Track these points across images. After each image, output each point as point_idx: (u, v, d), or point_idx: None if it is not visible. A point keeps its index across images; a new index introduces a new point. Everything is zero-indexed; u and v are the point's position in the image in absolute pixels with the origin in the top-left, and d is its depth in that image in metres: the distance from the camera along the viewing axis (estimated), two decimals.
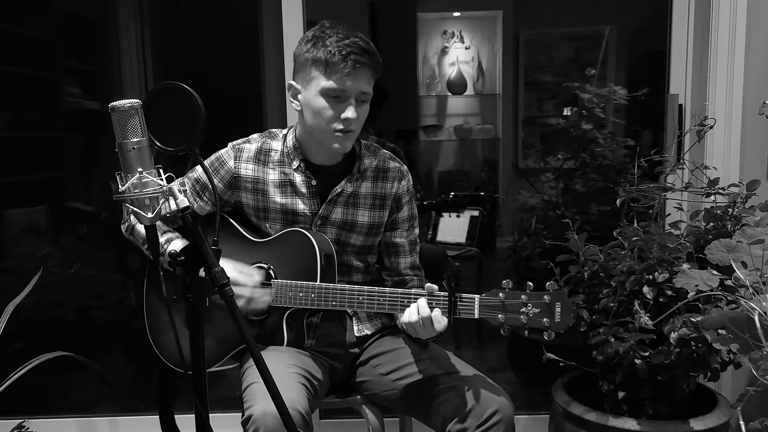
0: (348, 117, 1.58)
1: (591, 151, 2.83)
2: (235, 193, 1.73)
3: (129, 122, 1.15)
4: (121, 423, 2.62)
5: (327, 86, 1.57)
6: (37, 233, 3.01)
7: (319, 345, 1.71)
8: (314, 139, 1.66)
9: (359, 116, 1.61)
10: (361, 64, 1.55)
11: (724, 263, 1.50)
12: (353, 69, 1.55)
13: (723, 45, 2.16)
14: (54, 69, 3.11)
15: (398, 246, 1.79)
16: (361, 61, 1.55)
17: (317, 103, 1.59)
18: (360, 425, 2.05)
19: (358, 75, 1.56)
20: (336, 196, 1.71)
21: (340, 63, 1.54)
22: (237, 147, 1.72)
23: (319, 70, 1.57)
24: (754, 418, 1.45)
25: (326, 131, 1.61)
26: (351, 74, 1.55)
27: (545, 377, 2.01)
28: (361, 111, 1.62)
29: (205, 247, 1.17)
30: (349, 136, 1.62)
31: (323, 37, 1.57)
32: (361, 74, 1.57)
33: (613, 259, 1.82)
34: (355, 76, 1.56)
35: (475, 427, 1.51)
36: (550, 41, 3.92)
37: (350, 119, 1.58)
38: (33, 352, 2.18)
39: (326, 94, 1.58)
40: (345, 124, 1.59)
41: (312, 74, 1.59)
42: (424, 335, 1.55)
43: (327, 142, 1.62)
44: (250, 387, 1.51)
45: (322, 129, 1.61)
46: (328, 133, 1.61)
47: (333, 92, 1.57)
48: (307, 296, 1.62)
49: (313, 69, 1.58)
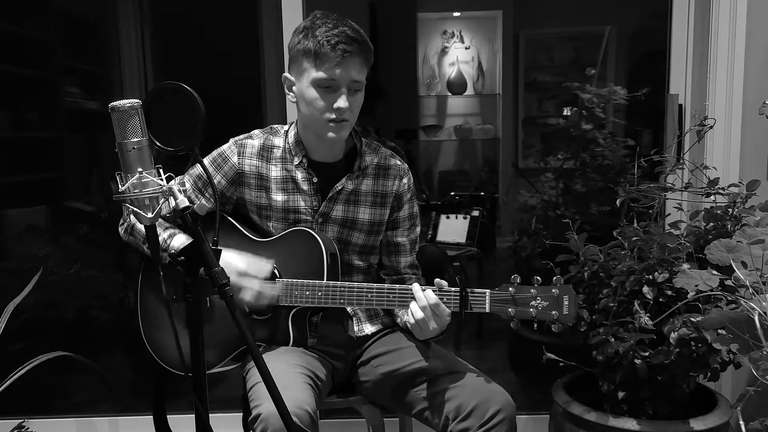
0: (340, 106, 1.59)
1: (591, 151, 2.83)
2: (238, 189, 1.73)
3: (129, 122, 1.15)
4: (121, 423, 2.61)
5: (317, 77, 1.58)
6: (37, 233, 3.01)
7: (320, 344, 1.71)
8: (311, 131, 1.67)
9: (352, 105, 1.62)
10: (350, 53, 1.56)
11: (724, 263, 1.50)
12: (342, 58, 1.56)
13: (723, 45, 2.16)
14: (54, 69, 3.10)
15: (399, 245, 1.79)
16: (350, 50, 1.56)
17: (310, 94, 1.60)
18: (360, 425, 2.05)
19: (348, 64, 1.57)
20: (336, 194, 1.71)
21: (330, 53, 1.55)
22: (240, 142, 1.72)
23: (310, 62, 1.58)
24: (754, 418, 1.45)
25: (320, 121, 1.62)
26: (340, 63, 1.56)
27: (545, 377, 2.01)
28: (354, 100, 1.62)
29: (205, 246, 1.17)
30: (343, 125, 1.63)
31: (313, 28, 1.58)
32: (351, 63, 1.58)
33: (613, 259, 1.82)
34: (345, 65, 1.57)
35: (478, 426, 1.51)
36: (550, 41, 3.92)
37: (342, 108, 1.59)
38: (33, 352, 2.18)
39: (317, 84, 1.59)
40: (338, 113, 1.60)
41: (304, 65, 1.60)
42: (429, 333, 1.56)
43: (321, 132, 1.63)
44: (256, 386, 1.51)
45: (316, 119, 1.62)
46: (322, 123, 1.62)
47: (324, 82, 1.58)
48: (314, 295, 1.62)
49: (305, 60, 1.59)
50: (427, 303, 1.52)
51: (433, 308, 1.52)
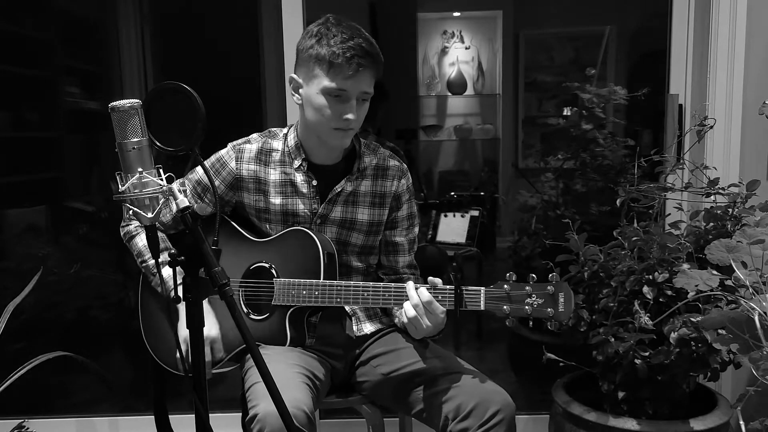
0: (348, 118, 1.59)
1: (591, 151, 2.83)
2: (236, 193, 1.73)
3: (129, 122, 1.15)
4: (121, 423, 2.61)
5: (329, 86, 1.57)
6: (37, 233, 3.01)
7: (318, 344, 1.71)
8: (314, 134, 1.67)
9: (359, 115, 1.62)
10: (364, 66, 1.56)
11: (724, 263, 1.50)
12: (356, 72, 1.55)
13: (723, 45, 2.16)
14: (54, 69, 3.10)
15: (398, 245, 1.80)
16: (364, 63, 1.56)
17: (318, 101, 1.60)
18: (360, 425, 2.05)
19: (361, 77, 1.57)
20: (336, 196, 1.71)
21: (344, 65, 1.54)
22: (238, 147, 1.72)
23: (322, 69, 1.57)
24: (754, 418, 1.45)
25: (326, 128, 1.62)
26: (353, 76, 1.56)
27: (545, 377, 2.01)
28: (361, 110, 1.63)
29: (205, 247, 1.17)
30: (348, 133, 1.64)
31: (327, 35, 1.57)
32: (364, 76, 1.58)
33: (613, 259, 1.82)
34: (357, 78, 1.57)
35: (477, 426, 1.51)
36: (550, 41, 3.91)
37: (350, 120, 1.59)
38: (33, 352, 2.18)
39: (328, 93, 1.58)
40: (345, 123, 1.60)
41: (315, 71, 1.59)
42: (423, 332, 1.55)
43: (326, 138, 1.64)
44: (253, 386, 1.51)
45: (323, 125, 1.62)
46: (327, 130, 1.62)
47: (335, 92, 1.58)
48: (311, 294, 1.62)
49: (316, 67, 1.58)
50: (419, 301, 1.52)
51: (425, 306, 1.52)
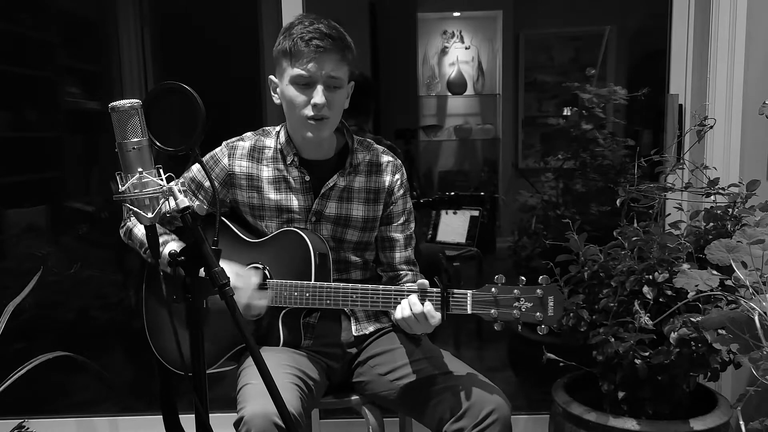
0: (316, 102, 1.59)
1: (591, 151, 2.83)
2: (230, 191, 1.73)
3: (129, 122, 1.15)
4: (121, 423, 2.62)
5: (294, 74, 1.60)
6: (37, 233, 3.01)
7: (316, 345, 1.71)
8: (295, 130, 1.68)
9: (330, 102, 1.61)
10: (324, 48, 1.57)
11: (724, 263, 1.50)
12: (316, 53, 1.57)
13: (723, 45, 2.16)
14: (54, 69, 3.11)
15: (393, 240, 1.79)
16: (323, 45, 1.57)
17: (289, 93, 1.62)
18: (360, 425, 2.05)
19: (322, 59, 1.58)
20: (329, 190, 1.71)
21: (303, 49, 1.57)
22: (231, 145, 1.74)
23: (287, 60, 1.61)
24: (754, 418, 1.45)
25: (299, 119, 1.62)
26: (314, 59, 1.57)
27: (545, 377, 2.01)
28: (333, 97, 1.62)
29: (205, 246, 1.17)
30: (323, 124, 1.62)
31: (291, 28, 1.61)
32: (326, 58, 1.58)
33: (613, 259, 1.82)
34: (319, 60, 1.58)
35: (472, 426, 1.51)
36: (550, 41, 3.91)
37: (319, 104, 1.59)
38: (33, 352, 2.19)
39: (295, 82, 1.60)
40: (315, 109, 1.60)
41: (283, 65, 1.62)
42: (418, 330, 1.55)
43: (302, 131, 1.64)
44: (243, 388, 1.52)
45: (297, 117, 1.63)
46: (301, 121, 1.62)
47: (300, 79, 1.59)
48: (302, 295, 1.62)
49: (283, 60, 1.62)
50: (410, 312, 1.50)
51: (417, 316, 1.50)
